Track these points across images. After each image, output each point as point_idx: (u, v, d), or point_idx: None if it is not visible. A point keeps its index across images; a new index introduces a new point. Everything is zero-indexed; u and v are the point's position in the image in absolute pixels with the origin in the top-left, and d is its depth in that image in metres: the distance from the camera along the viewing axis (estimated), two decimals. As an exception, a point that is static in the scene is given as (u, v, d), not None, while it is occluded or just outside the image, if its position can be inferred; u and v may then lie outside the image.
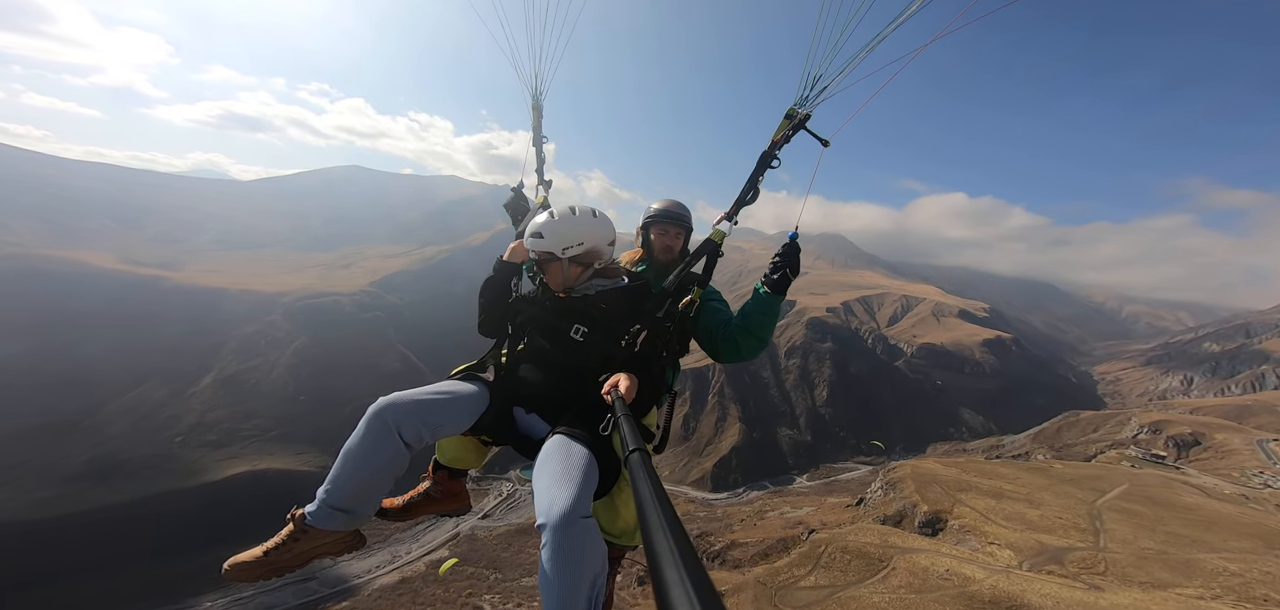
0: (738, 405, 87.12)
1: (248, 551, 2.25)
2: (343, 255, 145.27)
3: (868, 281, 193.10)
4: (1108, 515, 28.02)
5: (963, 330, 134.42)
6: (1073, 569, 23.06)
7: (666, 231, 3.15)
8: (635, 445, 1.16)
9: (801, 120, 2.64)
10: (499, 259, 2.82)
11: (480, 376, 2.59)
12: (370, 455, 2.14)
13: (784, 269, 2.60)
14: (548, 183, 3.67)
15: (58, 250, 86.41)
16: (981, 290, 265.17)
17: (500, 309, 2.74)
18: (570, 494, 1.79)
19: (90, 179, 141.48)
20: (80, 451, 56.32)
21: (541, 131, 3.77)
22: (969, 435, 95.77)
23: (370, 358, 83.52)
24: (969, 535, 27.47)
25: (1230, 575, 20.60)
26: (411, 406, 2.15)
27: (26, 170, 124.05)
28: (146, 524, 51.06)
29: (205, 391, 68.67)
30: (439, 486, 2.85)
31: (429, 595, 43.70)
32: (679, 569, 0.61)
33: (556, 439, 2.10)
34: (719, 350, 2.79)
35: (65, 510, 49.99)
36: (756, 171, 2.73)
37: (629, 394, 1.96)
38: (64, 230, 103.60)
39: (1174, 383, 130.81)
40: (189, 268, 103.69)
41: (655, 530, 0.73)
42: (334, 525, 2.20)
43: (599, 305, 2.51)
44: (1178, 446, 46.32)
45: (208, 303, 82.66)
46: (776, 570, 25.32)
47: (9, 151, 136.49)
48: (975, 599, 19.10)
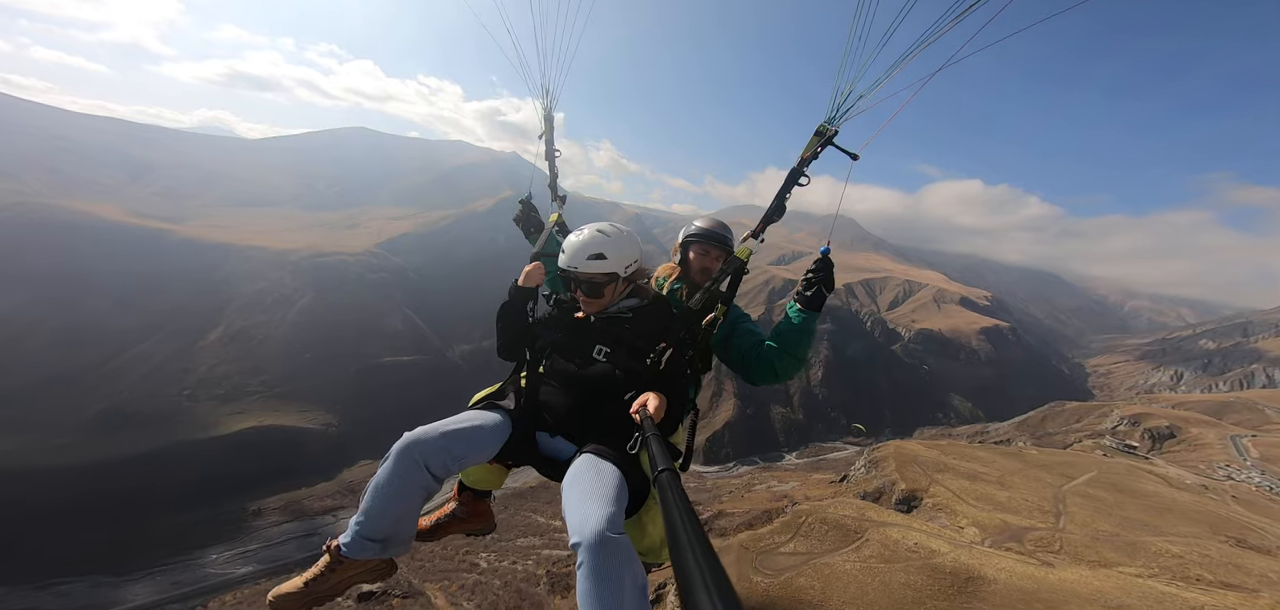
0: (734, 381, 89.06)
1: (289, 582, 2.32)
2: (349, 216, 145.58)
3: (872, 264, 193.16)
4: (1071, 499, 29.66)
5: (962, 317, 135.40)
6: (1029, 547, 24.65)
7: (707, 253, 3.07)
8: (665, 465, 1.15)
9: (830, 137, 2.65)
10: (514, 283, 2.77)
11: (501, 405, 2.58)
12: (400, 489, 2.18)
13: (818, 286, 2.57)
14: (563, 198, 3.54)
15: (65, 200, 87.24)
16: (987, 279, 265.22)
17: (518, 333, 2.71)
18: (604, 511, 1.78)
19: (96, 132, 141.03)
20: (91, 402, 58.34)
21: (554, 144, 3.61)
22: (956, 421, 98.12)
23: (375, 318, 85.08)
24: (940, 513, 29.12)
25: (1171, 556, 22.23)
26: (438, 441, 2.19)
27: (33, 121, 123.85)
28: (156, 476, 52.93)
29: (213, 346, 70.53)
30: (465, 507, 2.91)
31: (427, 551, 46.03)
32: (709, 591, 0.61)
33: (585, 457, 2.11)
34: (752, 372, 2.75)
35: (77, 459, 51.86)
36: (784, 189, 2.74)
37: (658, 414, 1.96)
38: (71, 181, 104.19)
39: (1163, 378, 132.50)
40: (196, 222, 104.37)
41: (685, 551, 0.72)
42: (368, 555, 2.25)
43: (622, 324, 2.50)
44: (1153, 438, 48.05)
45: (215, 258, 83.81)
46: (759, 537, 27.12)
47: (16, 103, 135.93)
48: (938, 570, 20.85)
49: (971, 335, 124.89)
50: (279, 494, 57.04)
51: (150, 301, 71.72)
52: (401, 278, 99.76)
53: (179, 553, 47.22)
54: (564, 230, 3.38)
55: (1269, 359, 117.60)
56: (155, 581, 43.91)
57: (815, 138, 2.70)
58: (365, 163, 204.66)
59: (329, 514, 56.00)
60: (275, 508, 55.59)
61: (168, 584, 43.75)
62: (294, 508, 56.15)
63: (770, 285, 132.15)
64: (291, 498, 57.25)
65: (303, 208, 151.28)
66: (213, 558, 47.21)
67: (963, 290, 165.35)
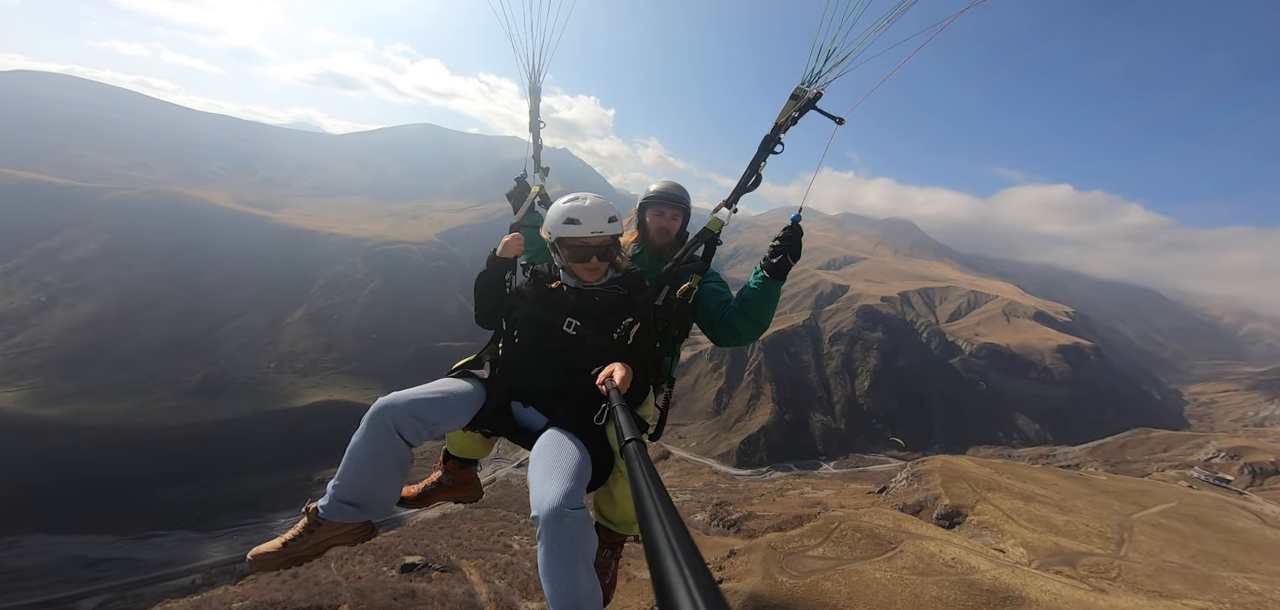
0: (773, 385, 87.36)
1: (269, 543, 2.38)
2: (414, 206, 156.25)
3: (933, 272, 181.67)
4: (1140, 528, 27.45)
5: (1035, 333, 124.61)
6: (1082, 572, 23.32)
7: (663, 214, 3.10)
8: (631, 435, 1.15)
9: (811, 99, 2.50)
10: (493, 253, 2.79)
11: (476, 373, 2.63)
12: (373, 453, 2.23)
13: (784, 253, 2.53)
14: (545, 171, 3.56)
15: (188, 187, 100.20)
16: (1070, 292, 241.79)
17: (495, 303, 2.74)
18: (560, 488, 1.85)
19: (211, 127, 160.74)
20: (197, 368, 65.36)
21: (539, 117, 3.59)
22: (1020, 442, 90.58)
23: (433, 303, 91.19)
24: (985, 531, 27.91)
25: (1248, 593, 20.31)
26: (408, 406, 2.22)
27: (163, 118, 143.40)
28: (242, 441, 57.78)
29: (297, 323, 78.43)
30: (450, 475, 2.97)
31: (465, 531, 48.91)
32: (677, 559, 0.62)
33: (550, 433, 2.17)
34: (717, 332, 2.75)
35: (182, 421, 57.82)
36: (758, 156, 2.63)
37: (624, 384, 1.97)
38: (192, 171, 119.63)
39: (1279, 411, 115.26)
40: (288, 210, 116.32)
41: (652, 520, 0.73)
42: (345, 518, 2.30)
43: (593, 297, 2.51)
44: (1254, 474, 42.34)
45: (303, 242, 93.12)
46: (787, 539, 27.26)
47: (151, 102, 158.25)
48: (975, 587, 20.32)
49: (1045, 352, 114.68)
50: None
51: (250, 280, 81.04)
52: (458, 266, 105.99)
53: (254, 515, 51.42)
54: (546, 203, 3.44)
55: None
56: (231, 540, 47.62)
57: (791, 101, 2.53)
58: (430, 157, 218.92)
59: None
60: (334, 479, 61.15)
61: (241, 544, 47.44)
62: (351, 479, 61.42)
63: (818, 289, 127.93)
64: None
65: (375, 198, 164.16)
66: (281, 522, 50.41)
67: (1038, 304, 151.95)
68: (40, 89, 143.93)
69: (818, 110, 2.50)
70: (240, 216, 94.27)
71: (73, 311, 65.70)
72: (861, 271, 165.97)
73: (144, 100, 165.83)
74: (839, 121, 2.48)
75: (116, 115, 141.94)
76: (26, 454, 48.19)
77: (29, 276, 68.40)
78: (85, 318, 65.72)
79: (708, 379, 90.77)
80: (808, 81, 2.50)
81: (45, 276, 68.71)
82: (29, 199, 79.94)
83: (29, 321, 63.40)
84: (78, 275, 70.21)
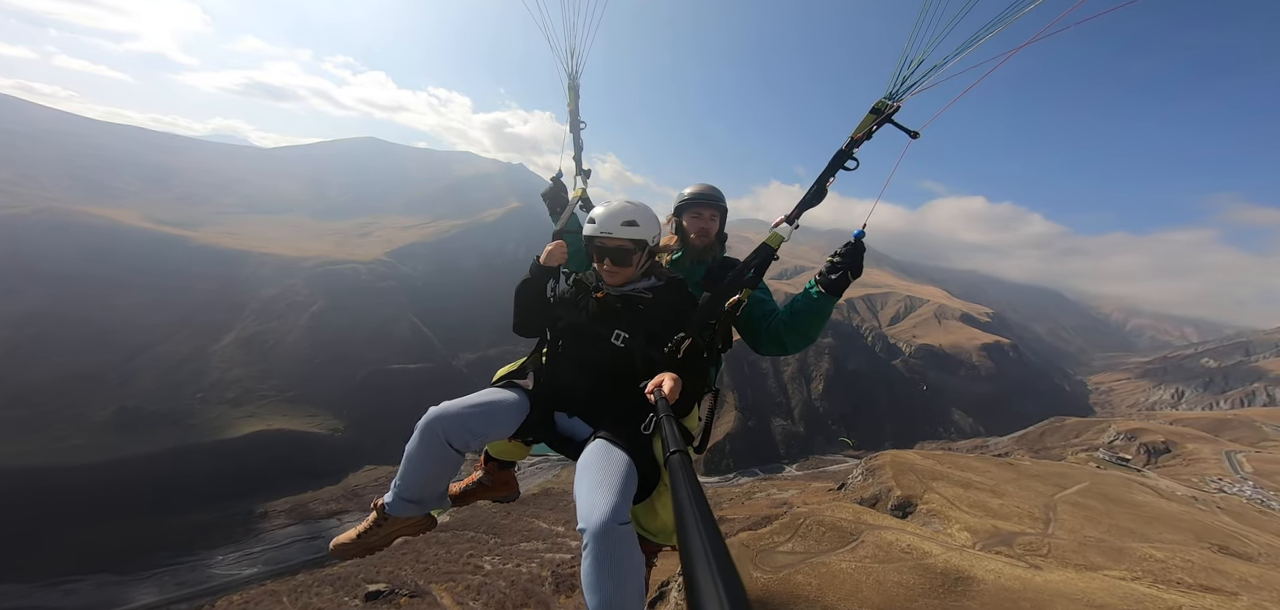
0: (735, 393, 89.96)
1: (346, 533, 2.58)
2: (359, 224, 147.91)
3: (874, 280, 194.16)
4: (1062, 507, 30.60)
5: (963, 334, 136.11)
6: (1019, 551, 25.58)
7: (701, 215, 3.08)
8: (676, 447, 1.15)
9: (890, 113, 2.43)
10: (535, 262, 2.77)
11: (520, 383, 2.62)
12: (426, 460, 2.36)
13: (845, 270, 2.48)
14: (587, 172, 3.48)
15: (87, 206, 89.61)
16: (989, 295, 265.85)
17: (538, 312, 2.73)
18: (609, 502, 1.86)
19: (117, 139, 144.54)
20: (107, 402, 59.16)
21: (579, 114, 3.48)
22: (957, 435, 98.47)
23: (384, 326, 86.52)
24: (934, 518, 30.06)
25: (1154, 561, 23.17)
26: (457, 418, 2.30)
27: (56, 128, 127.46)
28: (166, 476, 53.16)
29: (226, 350, 71.88)
30: (490, 475, 3.05)
31: (431, 555, 46.77)
32: (712, 573, 0.62)
33: (597, 444, 2.16)
34: (761, 342, 2.73)
35: (91, 458, 52.40)
36: (827, 171, 2.55)
37: (672, 395, 1.97)
38: (93, 187, 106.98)
39: (1165, 395, 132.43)
40: (212, 228, 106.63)
41: (691, 533, 0.73)
42: (407, 513, 2.49)
43: (638, 308, 2.50)
44: (1149, 453, 48.82)
45: (230, 263, 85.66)
46: (759, 537, 28.23)
47: (41, 110, 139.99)
48: (930, 570, 21.82)
49: (972, 351, 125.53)
50: (285, 497, 57.78)
51: (168, 305, 73.44)
52: (409, 286, 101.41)
53: (186, 553, 47.51)
54: (587, 206, 3.37)
55: (1270, 378, 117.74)
56: (161, 581, 44.22)
57: (871, 115, 2.46)
58: (376, 172, 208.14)
59: (334, 517, 56.69)
60: (281, 510, 56.33)
61: (173, 584, 44.10)
62: (299, 511, 56.87)
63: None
64: (298, 501, 58.05)
65: (315, 216, 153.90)
66: (219, 559, 47.41)
67: (964, 306, 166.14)
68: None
69: (894, 123, 2.45)
70: (154, 236, 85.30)
71: (-54, 346, 56.99)
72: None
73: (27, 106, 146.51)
74: (913, 135, 2.42)
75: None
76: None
77: (-114, 309, 58.63)
78: (-38, 352, 57.17)
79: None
80: (890, 95, 2.43)
81: (-92, 308, 59.28)
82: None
83: (-113, 360, 54.26)
84: (-49, 304, 61.04)
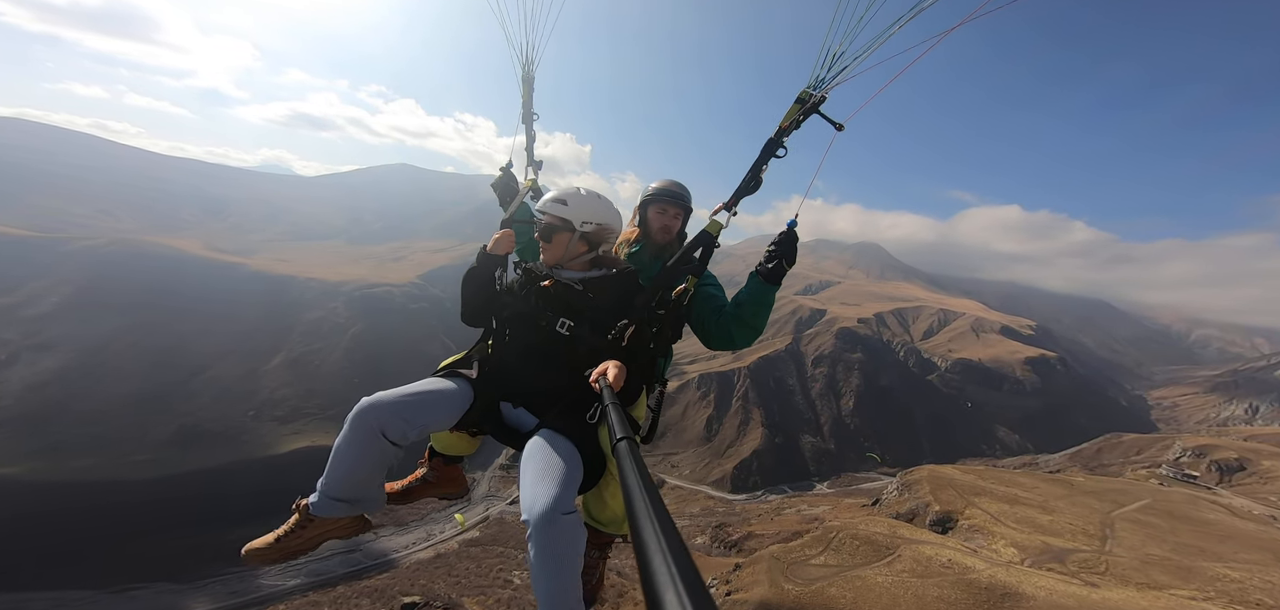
0: (762, 410, 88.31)
1: (262, 538, 2.37)
2: (393, 248, 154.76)
3: (904, 293, 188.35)
4: (1121, 524, 28.73)
5: (1004, 347, 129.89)
6: (1073, 568, 24.19)
7: (665, 211, 3.08)
8: (623, 434, 1.12)
9: (815, 104, 2.47)
10: (482, 249, 2.72)
11: (463, 373, 2.56)
12: (358, 454, 2.23)
13: (779, 258, 2.53)
14: (538, 164, 3.48)
15: (155, 236, 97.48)
16: (1030, 307, 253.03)
17: (484, 301, 2.68)
18: (553, 491, 1.84)
19: (179, 172, 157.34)
20: (169, 421, 62.96)
21: (532, 107, 3.53)
22: (1003, 453, 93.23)
23: (417, 345, 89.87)
24: (976, 534, 28.72)
25: (1229, 581, 21.47)
26: (393, 407, 2.20)
27: (127, 164, 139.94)
28: (220, 491, 56.04)
29: (275, 370, 76.05)
30: (435, 472, 2.93)
31: (462, 569, 47.58)
32: (665, 556, 0.61)
33: (541, 434, 2.13)
34: (710, 336, 2.72)
35: (153, 474, 55.83)
36: (760, 159, 2.60)
37: (617, 383, 1.95)
38: (159, 218, 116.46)
39: (1238, 411, 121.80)
40: (263, 255, 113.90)
41: (642, 519, 0.72)
42: (335, 514, 2.34)
43: (586, 295, 2.46)
44: (1220, 470, 44.86)
45: (279, 288, 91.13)
46: (790, 550, 27.70)
47: (114, 146, 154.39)
48: (973, 586, 21.01)
49: (1015, 365, 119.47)
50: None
51: (223, 329, 78.56)
52: (439, 307, 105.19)
53: (237, 564, 48.32)
54: (537, 196, 3.37)
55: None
56: (214, 591, 46.81)
57: (796, 105, 2.52)
58: (407, 197, 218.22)
59: (370, 531, 58.54)
60: (324, 523, 58.65)
61: (225, 593, 46.68)
62: (341, 524, 59.16)
63: (797, 315, 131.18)
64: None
65: (351, 241, 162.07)
66: (266, 570, 49.27)
67: (1004, 319, 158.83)
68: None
69: (820, 115, 2.51)
70: (214, 264, 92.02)
71: (34, 368, 62.36)
72: (837, 295, 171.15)
73: (104, 144, 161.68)
74: (838, 127, 2.47)
75: (75, 161, 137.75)
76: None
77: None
78: (49, 374, 62.40)
79: (697, 407, 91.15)
80: (813, 86, 2.48)
81: (5, 334, 65.31)
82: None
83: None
84: (40, 330, 66.92)
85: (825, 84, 2.46)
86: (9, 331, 66.06)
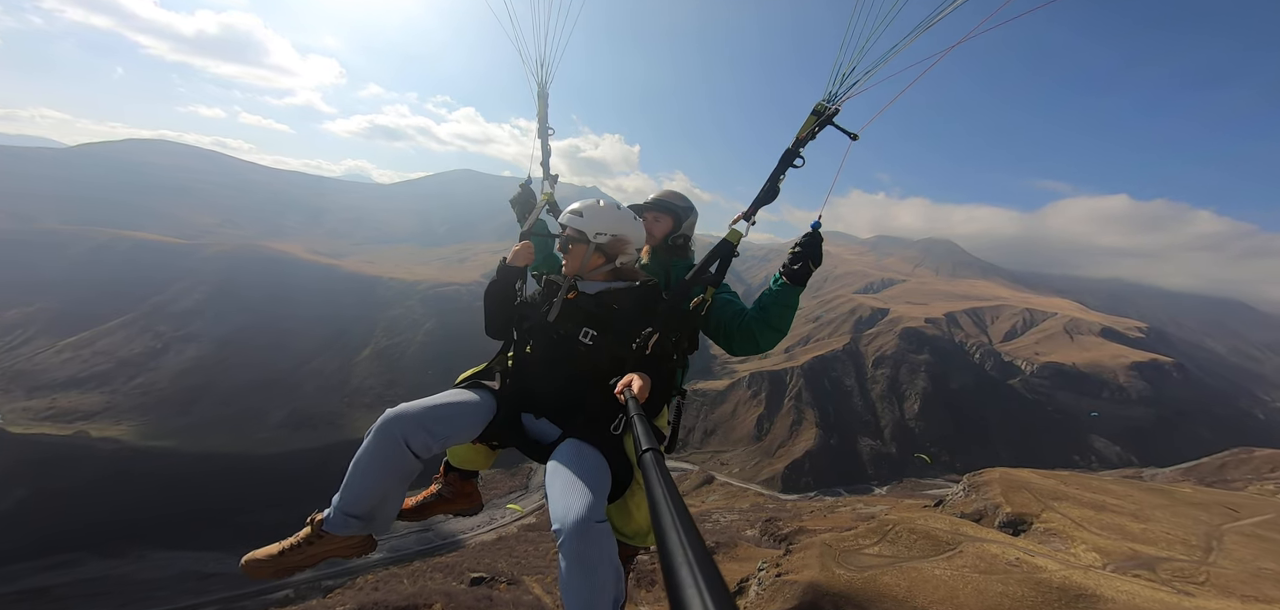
0: (815, 410, 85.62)
1: (265, 548, 2.36)
2: (459, 250, 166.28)
3: (980, 292, 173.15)
4: (1231, 537, 25.88)
5: (1105, 350, 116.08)
6: (1164, 576, 22.46)
7: (659, 221, 3.18)
8: (649, 445, 1.11)
9: (829, 116, 2.54)
10: (502, 262, 2.74)
11: (486, 384, 2.59)
12: (380, 467, 2.20)
13: (805, 259, 2.52)
14: (554, 177, 3.51)
15: (268, 241, 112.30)
16: (1140, 306, 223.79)
17: (506, 313, 2.69)
18: (584, 500, 1.84)
19: (284, 183, 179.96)
20: (283, 405, 72.59)
21: (547, 121, 3.54)
22: (1100, 465, 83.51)
23: (481, 342, 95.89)
24: (1053, 537, 27.02)
25: (1360, 602, 19.14)
26: (418, 418, 2.19)
27: (245, 177, 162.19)
28: (322, 469, 60.70)
29: (364, 361, 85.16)
30: (450, 487, 2.91)
31: (521, 551, 50.80)
32: (692, 568, 0.61)
33: (568, 444, 2.15)
34: (733, 342, 2.71)
35: (271, 451, 64.12)
36: (778, 169, 2.64)
37: (642, 394, 1.93)
38: (270, 225, 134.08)
39: None
40: (353, 257, 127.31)
41: (668, 530, 0.71)
42: (349, 531, 2.30)
43: (609, 306, 2.47)
44: (1376, 493, 37.97)
45: (367, 288, 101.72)
46: (843, 538, 27.64)
47: (235, 162, 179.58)
48: (1043, 586, 20.35)
49: (1118, 370, 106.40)
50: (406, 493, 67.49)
51: (324, 324, 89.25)
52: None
53: None
54: (555, 210, 3.35)
55: None
56: None
57: (812, 117, 2.59)
58: (471, 201, 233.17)
59: (441, 515, 64.34)
60: (400, 505, 65.83)
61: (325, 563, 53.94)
62: (414, 506, 66.25)
63: (857, 313, 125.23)
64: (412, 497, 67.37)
65: (422, 244, 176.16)
66: None
67: (1105, 320, 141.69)
68: (139, 155, 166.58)
69: (834, 126, 2.57)
70: (314, 266, 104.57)
71: (181, 356, 74.74)
72: (901, 294, 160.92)
73: (227, 159, 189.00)
74: (853, 137, 2.54)
75: (205, 176, 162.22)
76: (145, 479, 55.04)
77: (146, 327, 78.55)
78: (191, 361, 74.58)
79: (747, 406, 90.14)
80: (828, 99, 2.55)
81: (159, 326, 78.67)
82: (141, 257, 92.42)
83: (147, 365, 72.63)
84: (185, 324, 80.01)
85: (837, 98, 2.54)
86: (162, 324, 79.34)
